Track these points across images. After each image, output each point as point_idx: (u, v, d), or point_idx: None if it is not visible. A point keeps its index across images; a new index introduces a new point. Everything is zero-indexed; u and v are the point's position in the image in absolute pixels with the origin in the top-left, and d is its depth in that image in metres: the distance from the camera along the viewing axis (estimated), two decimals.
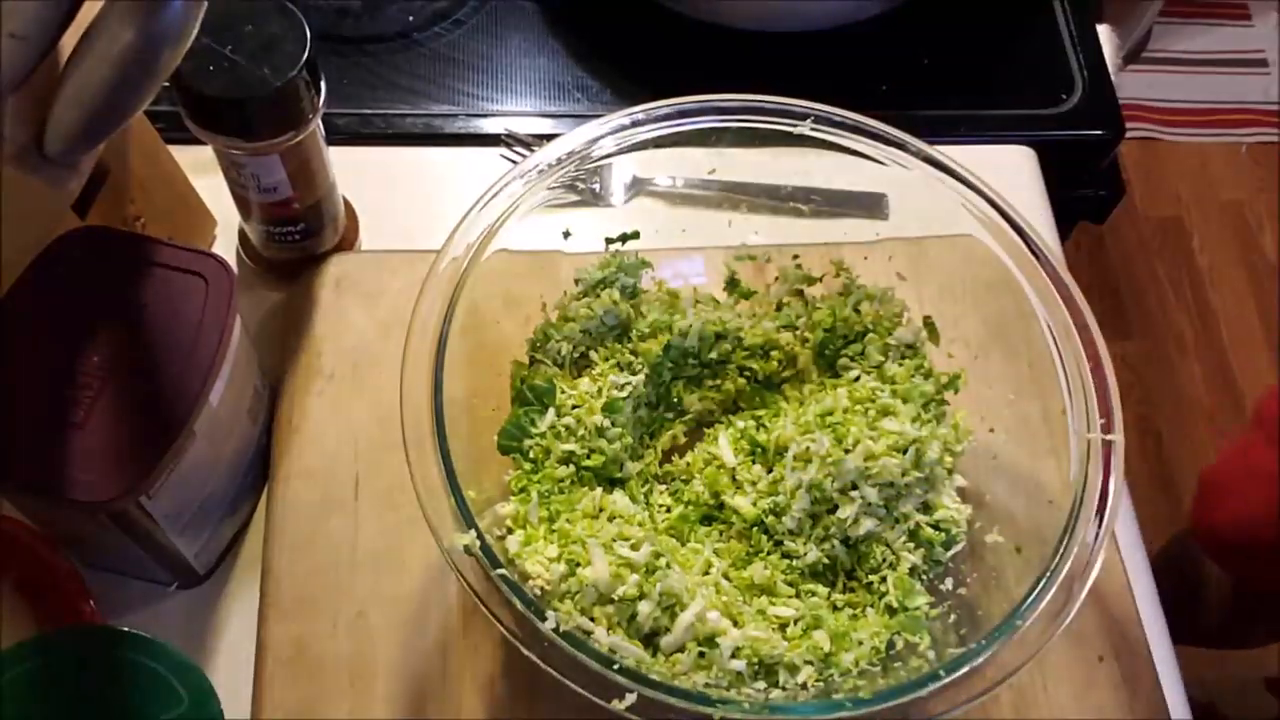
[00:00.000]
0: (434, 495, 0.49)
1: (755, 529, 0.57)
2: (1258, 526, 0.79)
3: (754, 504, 0.57)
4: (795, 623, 0.54)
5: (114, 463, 0.49)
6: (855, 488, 0.55)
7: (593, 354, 0.60)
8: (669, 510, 0.58)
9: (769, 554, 0.57)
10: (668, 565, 0.53)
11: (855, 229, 0.65)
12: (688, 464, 0.60)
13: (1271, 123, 1.95)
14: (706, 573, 0.56)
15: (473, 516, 0.49)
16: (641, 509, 0.57)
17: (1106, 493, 0.51)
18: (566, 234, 0.62)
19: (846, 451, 0.55)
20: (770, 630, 0.54)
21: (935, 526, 0.57)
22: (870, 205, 0.66)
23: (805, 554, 0.56)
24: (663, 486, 0.60)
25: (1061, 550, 0.50)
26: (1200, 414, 1.70)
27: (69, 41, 0.46)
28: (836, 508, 0.56)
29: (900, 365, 0.60)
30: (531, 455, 0.56)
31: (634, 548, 0.53)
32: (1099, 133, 0.85)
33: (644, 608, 0.51)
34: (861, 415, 0.58)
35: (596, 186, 0.70)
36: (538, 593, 0.51)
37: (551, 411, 0.57)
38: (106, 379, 0.50)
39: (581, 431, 0.56)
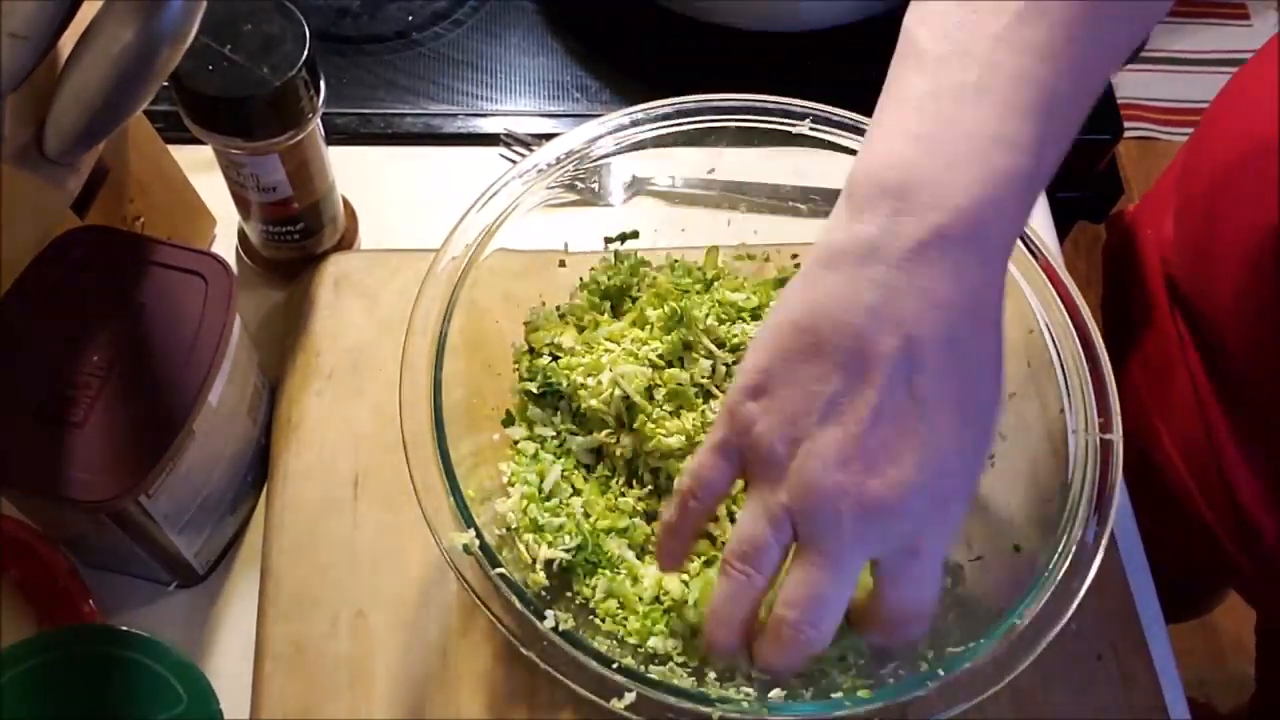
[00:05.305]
0: (434, 495, 0.49)
1: None
2: None
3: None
4: None
5: (114, 462, 0.49)
6: None
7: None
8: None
9: None
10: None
11: None
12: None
13: None
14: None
15: (472, 516, 0.49)
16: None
17: (1106, 493, 0.51)
18: (565, 240, 0.62)
19: None
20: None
21: None
22: None
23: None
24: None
25: (1061, 550, 0.50)
26: None
27: (69, 41, 0.46)
28: None
29: None
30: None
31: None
32: (1098, 133, 0.84)
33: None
34: None
35: (595, 186, 0.70)
36: (540, 592, 0.51)
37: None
38: (106, 379, 0.50)
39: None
